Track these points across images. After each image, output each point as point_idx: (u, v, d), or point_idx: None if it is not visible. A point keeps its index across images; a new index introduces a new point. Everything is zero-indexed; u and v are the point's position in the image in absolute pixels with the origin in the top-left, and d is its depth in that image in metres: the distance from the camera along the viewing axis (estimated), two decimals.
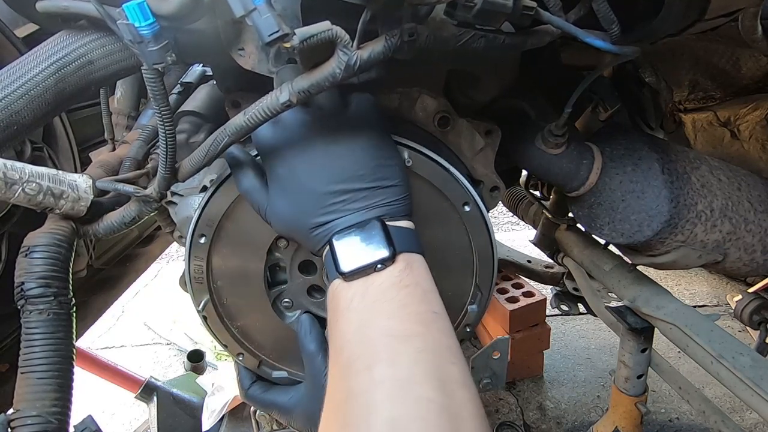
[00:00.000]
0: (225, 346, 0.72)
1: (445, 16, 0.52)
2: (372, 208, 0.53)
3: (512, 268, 1.75)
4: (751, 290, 1.25)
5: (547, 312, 1.86)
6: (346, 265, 0.51)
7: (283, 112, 0.55)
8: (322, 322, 0.71)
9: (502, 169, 0.76)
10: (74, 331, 0.62)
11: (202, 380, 1.79)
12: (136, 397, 1.66)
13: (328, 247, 0.54)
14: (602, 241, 1.17)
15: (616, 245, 0.92)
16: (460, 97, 0.76)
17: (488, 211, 0.71)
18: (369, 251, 0.51)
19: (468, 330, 0.72)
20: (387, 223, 0.53)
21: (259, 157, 0.60)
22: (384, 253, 0.50)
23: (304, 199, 0.55)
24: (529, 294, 1.88)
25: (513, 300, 1.87)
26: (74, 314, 0.63)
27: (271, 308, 0.70)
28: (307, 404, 0.66)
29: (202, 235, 0.64)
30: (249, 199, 0.59)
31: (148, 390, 1.63)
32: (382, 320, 0.48)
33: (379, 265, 0.50)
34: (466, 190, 0.64)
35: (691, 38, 1.01)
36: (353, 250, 0.51)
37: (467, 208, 0.65)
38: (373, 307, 0.49)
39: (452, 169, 0.64)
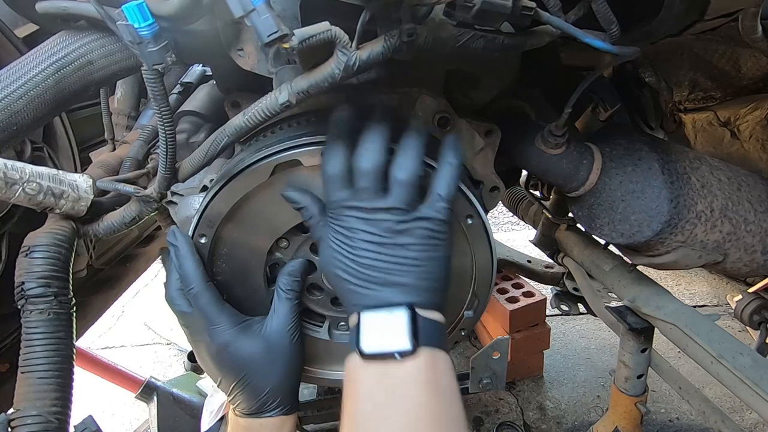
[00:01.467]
0: None
1: (444, 17, 0.52)
2: (407, 293, 0.53)
3: (512, 268, 1.75)
4: (751, 290, 1.25)
5: (547, 312, 1.86)
6: (367, 346, 0.51)
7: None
8: (315, 317, 0.72)
9: (502, 169, 0.76)
10: (74, 330, 0.62)
11: (203, 380, 1.79)
12: (136, 397, 1.65)
13: (357, 316, 0.53)
14: (602, 241, 1.17)
15: (616, 245, 0.92)
16: (460, 97, 0.76)
17: (487, 212, 0.70)
18: (392, 338, 0.50)
19: (463, 333, 0.73)
20: (417, 311, 0.52)
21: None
22: (406, 344, 0.50)
23: (350, 267, 0.54)
24: (529, 294, 1.88)
25: (513, 300, 1.87)
26: (74, 314, 0.63)
27: None
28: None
29: (203, 235, 0.64)
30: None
31: (148, 390, 1.63)
32: (395, 415, 0.48)
33: (397, 356, 0.50)
34: (471, 204, 0.64)
35: (691, 38, 1.01)
36: (377, 332, 0.51)
37: (470, 221, 0.65)
38: (387, 399, 0.49)
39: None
